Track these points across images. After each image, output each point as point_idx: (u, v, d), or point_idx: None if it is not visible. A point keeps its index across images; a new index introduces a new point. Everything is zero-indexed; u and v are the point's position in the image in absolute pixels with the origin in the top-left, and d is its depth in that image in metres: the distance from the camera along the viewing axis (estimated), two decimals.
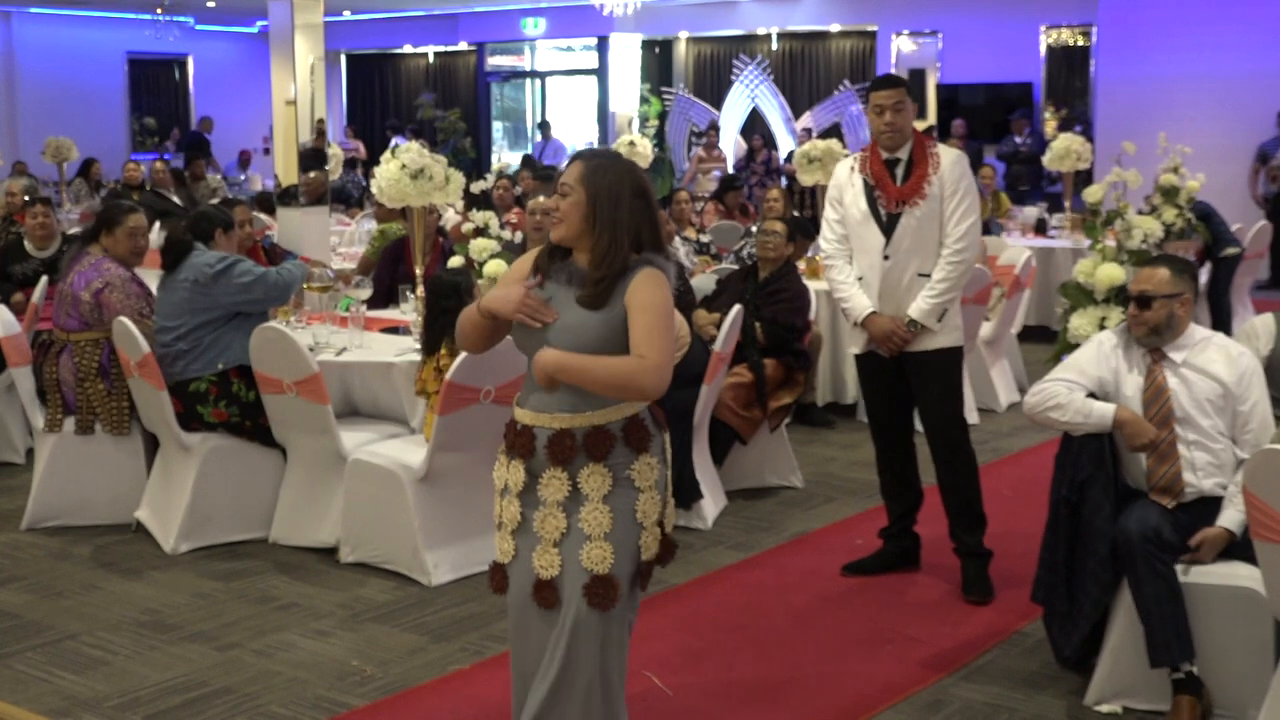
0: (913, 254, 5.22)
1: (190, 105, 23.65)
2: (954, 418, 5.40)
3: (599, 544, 3.42)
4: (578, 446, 3.43)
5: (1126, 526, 4.21)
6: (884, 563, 5.66)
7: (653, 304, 3.36)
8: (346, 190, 15.72)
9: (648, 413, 3.51)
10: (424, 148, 6.58)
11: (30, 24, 21.62)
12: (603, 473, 3.43)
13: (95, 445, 6.28)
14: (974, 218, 5.26)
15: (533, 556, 3.48)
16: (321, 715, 4.36)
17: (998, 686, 4.57)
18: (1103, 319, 5.21)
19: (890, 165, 5.26)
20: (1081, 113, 17.59)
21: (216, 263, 6.02)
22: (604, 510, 3.43)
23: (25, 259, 8.30)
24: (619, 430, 3.44)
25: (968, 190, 5.23)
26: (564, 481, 3.45)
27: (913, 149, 5.25)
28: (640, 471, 3.46)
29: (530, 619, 3.54)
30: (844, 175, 5.41)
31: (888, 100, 5.20)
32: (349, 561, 5.74)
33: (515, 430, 3.53)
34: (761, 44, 20.81)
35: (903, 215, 5.21)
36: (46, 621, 5.19)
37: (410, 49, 24.42)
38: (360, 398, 6.27)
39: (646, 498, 3.47)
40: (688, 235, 10.02)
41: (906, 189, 5.21)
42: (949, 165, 5.22)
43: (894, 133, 5.22)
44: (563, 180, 3.45)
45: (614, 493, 3.44)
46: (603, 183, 3.41)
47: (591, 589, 3.41)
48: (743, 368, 6.80)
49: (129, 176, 13.52)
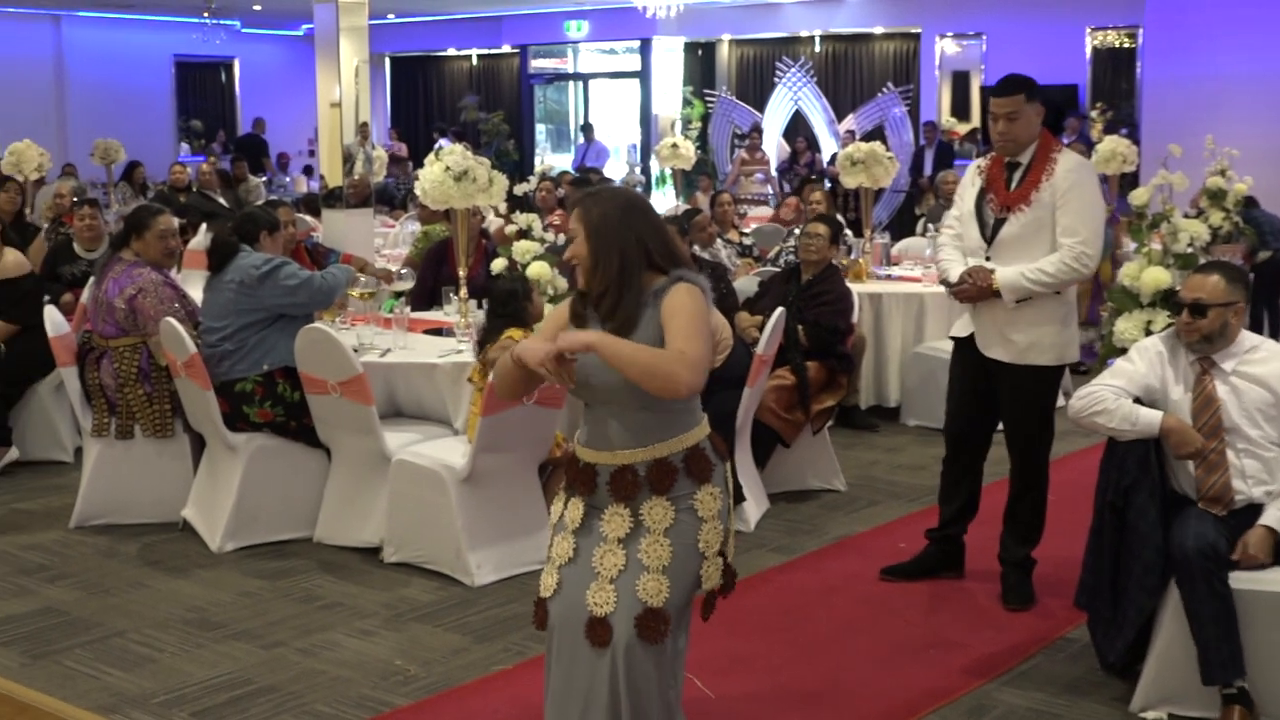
0: (1017, 259, 5.06)
1: (236, 108, 23.87)
2: (1032, 436, 5.29)
3: (655, 576, 3.40)
4: (641, 481, 3.42)
5: (1184, 543, 4.13)
6: (925, 566, 5.59)
7: (685, 308, 3.37)
8: (390, 192, 15.81)
9: (708, 443, 3.50)
10: (467, 150, 6.62)
11: (79, 27, 21.86)
12: (665, 505, 3.42)
13: (141, 446, 6.35)
14: (1094, 224, 5.04)
15: (586, 594, 3.43)
16: (365, 714, 4.39)
17: (1041, 692, 4.54)
18: (1148, 323, 5.17)
19: (1010, 169, 5.15)
20: (1128, 115, 17.46)
21: (262, 264, 6.06)
22: (664, 543, 3.41)
23: (74, 260, 8.40)
24: (680, 462, 3.43)
25: (1082, 197, 5.02)
26: (626, 518, 3.44)
27: (1035, 153, 5.10)
28: (703, 501, 3.45)
29: (577, 650, 3.48)
30: (970, 173, 5.34)
31: (999, 109, 5.09)
32: (393, 561, 5.77)
33: (577, 468, 3.53)
34: (804, 46, 20.77)
35: (1008, 220, 5.10)
36: (94, 618, 5.24)
37: (454, 51, 24.53)
38: (404, 399, 6.30)
39: (710, 527, 3.46)
40: (730, 238, 10.01)
41: (1015, 194, 5.09)
42: (1064, 172, 5.03)
43: (1007, 141, 5.10)
44: (570, 229, 3.49)
45: (676, 525, 3.43)
46: (594, 213, 3.44)
47: (643, 621, 3.39)
48: (785, 370, 6.78)
49: (174, 179, 13.65)
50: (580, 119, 22.95)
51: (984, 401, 5.33)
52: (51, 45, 21.74)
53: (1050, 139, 5.15)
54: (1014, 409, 5.27)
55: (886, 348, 8.54)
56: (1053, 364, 5.19)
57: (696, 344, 3.31)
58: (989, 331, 5.18)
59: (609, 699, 3.43)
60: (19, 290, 7.42)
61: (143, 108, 22.04)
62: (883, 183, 9.80)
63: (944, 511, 5.58)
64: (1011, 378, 5.18)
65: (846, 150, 9.90)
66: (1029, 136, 5.10)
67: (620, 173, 19.61)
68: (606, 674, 3.43)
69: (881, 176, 9.57)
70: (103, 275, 6.46)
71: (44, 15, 21.42)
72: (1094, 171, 5.23)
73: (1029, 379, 5.17)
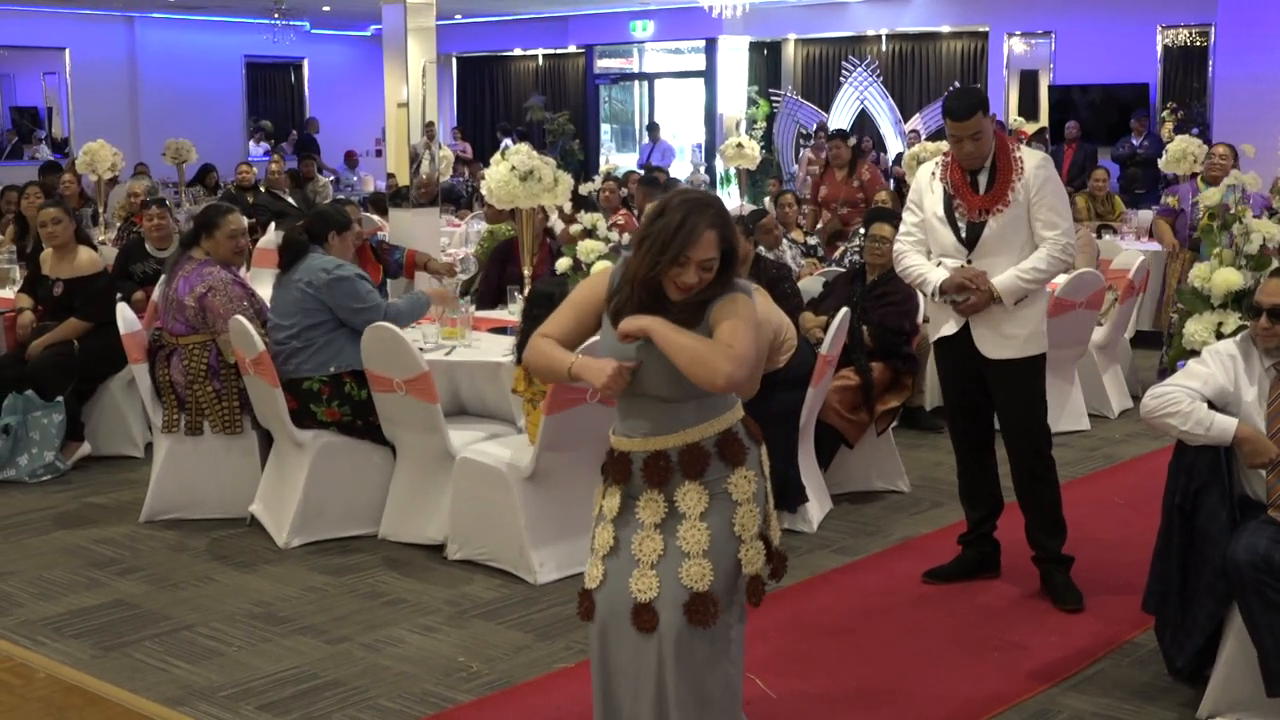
0: (1000, 260, 5.14)
1: (305, 108, 24.09)
2: (1036, 425, 5.31)
3: (698, 561, 3.42)
4: (673, 466, 3.45)
5: (1235, 555, 4.07)
6: (964, 568, 5.58)
7: (735, 311, 3.37)
8: (456, 191, 15.90)
9: (741, 426, 3.51)
10: (532, 150, 6.64)
11: (152, 29, 22.15)
12: (699, 490, 3.44)
13: (209, 443, 6.43)
14: (1068, 215, 5.22)
15: (630, 581, 3.46)
16: (428, 710, 4.42)
17: (1108, 698, 4.50)
18: (1219, 325, 5.10)
19: (973, 174, 5.20)
20: (1199, 114, 17.22)
21: (333, 269, 6.11)
22: (701, 528, 3.43)
23: (145, 258, 8.52)
24: (713, 446, 3.45)
25: (1055, 191, 5.15)
26: (660, 503, 3.47)
27: (995, 155, 5.16)
28: (737, 485, 3.47)
29: (623, 640, 3.50)
30: (924, 180, 5.35)
31: (964, 132, 5.11)
32: (456, 558, 5.80)
33: (613, 457, 3.56)
34: (871, 45, 20.66)
35: (987, 223, 5.14)
36: (163, 612, 5.31)
37: (520, 51, 24.62)
38: (468, 397, 6.34)
39: (745, 510, 3.47)
40: (794, 238, 9.98)
41: (990, 197, 5.14)
42: (1033, 169, 5.13)
43: (975, 159, 5.17)
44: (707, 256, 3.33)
45: (711, 509, 3.44)
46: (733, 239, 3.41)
47: (691, 607, 3.41)
48: (850, 371, 6.76)
49: (241, 178, 13.80)
50: (645, 118, 22.96)
51: (980, 398, 5.38)
52: (125, 46, 22.04)
53: (1004, 138, 5.25)
54: (1019, 399, 5.29)
55: None
56: (1036, 354, 5.28)
57: (743, 342, 3.31)
58: (987, 334, 5.23)
59: (656, 686, 3.46)
60: (92, 288, 7.54)
61: (214, 108, 22.31)
62: None
63: (971, 515, 5.59)
64: (1012, 372, 5.24)
65: (912, 150, 9.85)
66: (990, 147, 5.17)
67: (685, 172, 19.60)
68: (654, 661, 3.46)
69: None
70: (173, 274, 6.54)
71: (118, 17, 21.74)
72: (1054, 163, 5.33)
73: (1029, 369, 5.26)
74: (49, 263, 7.70)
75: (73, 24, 21.27)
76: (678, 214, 3.34)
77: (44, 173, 13.80)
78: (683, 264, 3.33)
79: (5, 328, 8.03)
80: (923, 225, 5.33)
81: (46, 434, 7.20)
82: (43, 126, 22.49)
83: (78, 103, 21.51)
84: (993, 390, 5.32)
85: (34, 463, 7.16)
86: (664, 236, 3.33)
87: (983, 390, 5.36)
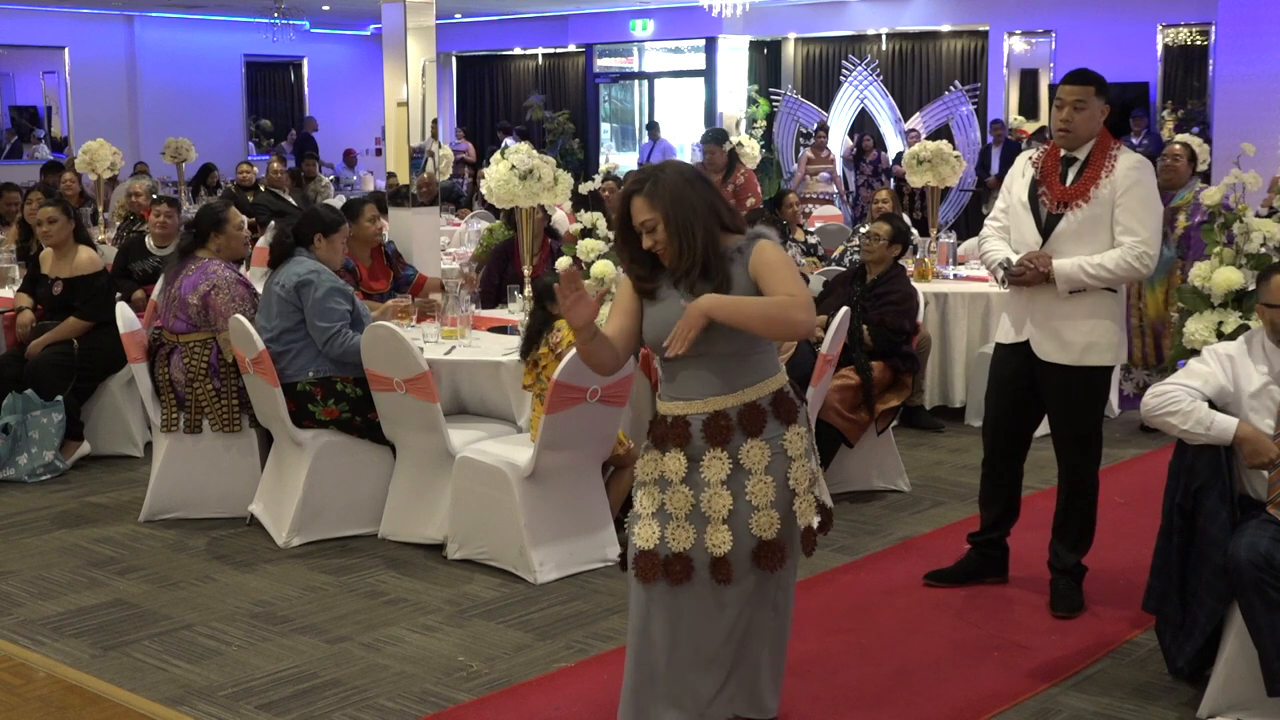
0: (1073, 255, 4.97)
1: (305, 107, 24.08)
2: (1084, 439, 5.17)
3: (766, 512, 3.67)
4: (734, 425, 3.66)
5: (1236, 554, 4.07)
6: (969, 571, 5.50)
7: (779, 261, 3.63)
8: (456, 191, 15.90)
9: (790, 387, 3.77)
10: (532, 149, 6.64)
11: (151, 28, 22.16)
12: (761, 446, 3.67)
13: (209, 442, 6.43)
14: (1154, 224, 4.98)
15: (705, 536, 3.68)
16: (428, 709, 4.41)
17: (1108, 697, 4.49)
18: (1219, 324, 5.09)
19: (1065, 163, 5.07)
20: (1199, 113, 17.24)
21: (305, 274, 6.10)
22: (767, 481, 3.67)
23: (145, 257, 8.53)
24: (769, 405, 3.70)
25: (1143, 197, 4.96)
26: (724, 460, 3.67)
27: (1093, 149, 5.03)
28: (791, 441, 3.71)
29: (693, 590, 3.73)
30: (1019, 165, 5.25)
31: (1068, 96, 4.99)
32: (456, 558, 5.80)
33: (666, 424, 3.74)
34: (871, 44, 20.66)
35: (1065, 215, 5.01)
36: (163, 611, 5.31)
37: (520, 51, 24.62)
38: (468, 396, 6.34)
39: (799, 465, 3.72)
40: (795, 237, 9.98)
41: (1072, 189, 4.99)
42: (1124, 170, 4.96)
43: (1066, 132, 5.00)
44: (642, 219, 3.65)
45: (772, 464, 3.68)
46: (665, 195, 3.63)
47: (759, 554, 3.68)
48: (850, 370, 6.76)
49: (242, 178, 13.80)
50: (645, 118, 22.97)
51: (1028, 407, 5.25)
52: (125, 45, 22.05)
53: (1109, 137, 5.07)
54: (1068, 412, 5.15)
55: (952, 348, 8.48)
56: (1110, 364, 5.12)
57: (798, 286, 3.58)
58: (1044, 335, 5.08)
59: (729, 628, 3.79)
60: (92, 287, 7.54)
61: (213, 107, 22.33)
62: (949, 182, 9.73)
63: (985, 516, 5.48)
64: (1066, 380, 5.08)
65: (913, 149, 9.84)
66: (1090, 131, 5.02)
67: None
68: (734, 612, 3.78)
69: (948, 175, 9.51)
70: (176, 272, 6.54)
71: (117, 16, 21.75)
72: (1153, 172, 5.15)
73: (1084, 381, 5.08)
74: (49, 262, 7.71)
75: (72, 23, 21.28)
76: None
77: (45, 172, 13.81)
78: (637, 233, 3.67)
79: (5, 327, 8.03)
80: (1009, 212, 5.21)
81: (46, 433, 7.19)
82: (42, 126, 22.49)
83: (77, 102, 21.51)
84: (1045, 398, 5.17)
85: (33, 462, 7.16)
86: (617, 223, 3.74)
87: (1030, 399, 5.21)
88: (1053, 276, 4.96)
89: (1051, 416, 5.23)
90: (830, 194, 16.98)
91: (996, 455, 5.38)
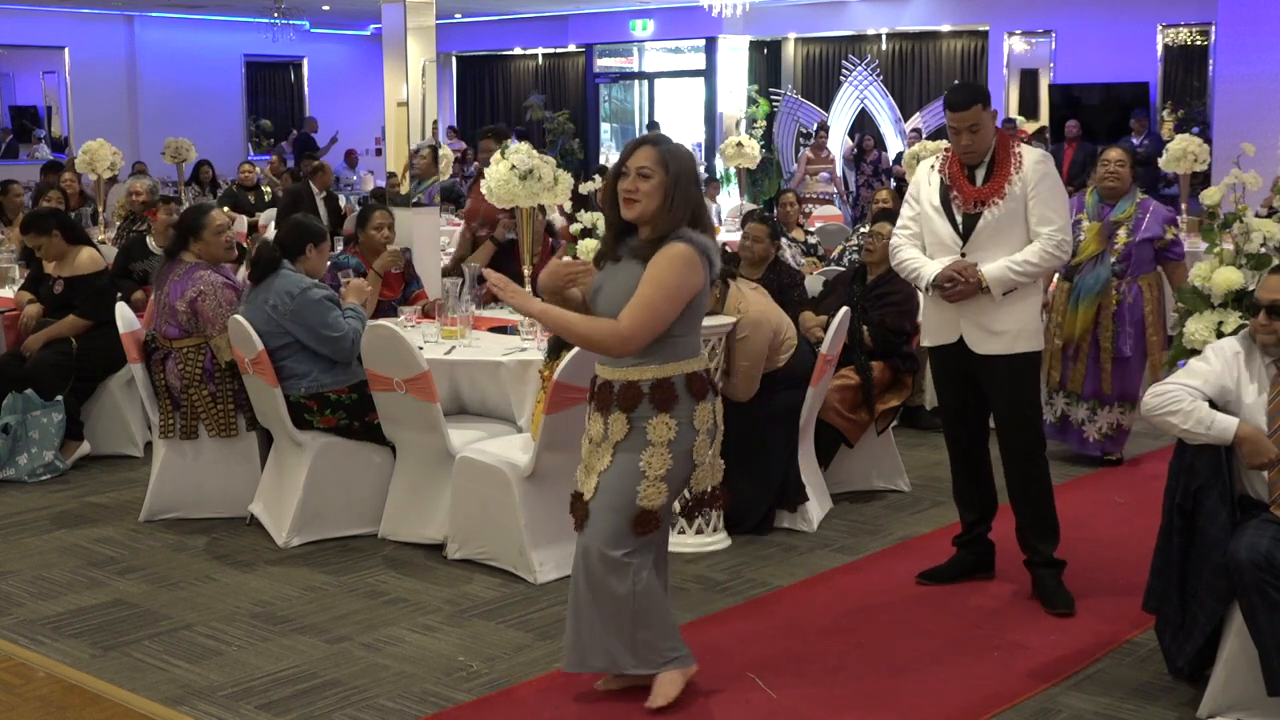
0: (994, 251, 5.14)
1: (305, 107, 24.07)
2: (1029, 424, 5.31)
3: (594, 477, 4.11)
4: (613, 397, 4.06)
5: (1237, 554, 4.07)
6: (959, 569, 5.57)
7: (656, 278, 3.92)
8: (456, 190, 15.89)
9: (683, 380, 4.03)
10: (532, 149, 6.63)
11: (151, 28, 22.15)
12: (624, 421, 4.04)
13: (208, 443, 6.43)
14: (1065, 211, 5.21)
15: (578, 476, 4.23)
16: (427, 709, 4.41)
17: (1108, 697, 4.49)
18: (1219, 324, 5.09)
19: (971, 167, 5.22)
20: (1199, 113, 17.23)
21: (299, 292, 6.03)
22: (608, 452, 4.07)
23: (146, 256, 8.54)
24: (648, 388, 4.01)
25: (1053, 188, 5.16)
26: (599, 422, 4.13)
27: (995, 150, 5.19)
28: (655, 428, 4.01)
29: None
30: (923, 173, 5.38)
31: (961, 124, 5.14)
32: (456, 558, 5.80)
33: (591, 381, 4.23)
34: (871, 44, 20.66)
35: (982, 214, 5.15)
36: (163, 611, 5.31)
37: (519, 50, 24.61)
38: (468, 396, 6.34)
39: (655, 452, 4.02)
40: (794, 237, 9.99)
41: (986, 189, 5.15)
42: (1031, 165, 5.14)
43: (972, 152, 5.19)
44: (641, 164, 3.92)
45: (626, 439, 4.04)
46: (679, 167, 3.96)
47: (574, 505, 4.19)
48: (850, 370, 6.75)
49: (243, 178, 13.80)
50: (645, 118, 22.98)
51: (975, 401, 5.39)
52: (125, 45, 22.04)
53: (1005, 135, 5.26)
54: (1010, 396, 5.28)
55: None
56: (1037, 349, 5.29)
57: (639, 318, 3.90)
58: (975, 330, 5.22)
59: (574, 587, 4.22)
60: (92, 287, 7.54)
61: (213, 107, 22.32)
62: None
63: (965, 516, 5.58)
64: (1003, 367, 5.22)
65: (912, 149, 9.85)
66: (989, 141, 5.18)
67: None
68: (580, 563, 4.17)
69: None
70: (163, 278, 6.54)
71: (117, 16, 21.74)
72: (1054, 163, 5.34)
73: (1019, 365, 5.24)
74: (51, 262, 7.71)
75: (72, 23, 21.27)
76: None
77: (45, 172, 13.82)
78: (625, 174, 3.95)
79: (5, 326, 8.03)
80: (919, 219, 5.35)
81: (46, 433, 7.20)
82: (42, 126, 22.49)
83: (77, 102, 21.51)
84: (985, 388, 5.32)
85: (33, 462, 7.16)
86: (611, 172, 4.07)
87: (976, 392, 5.35)
88: (985, 284, 5.10)
89: (995, 405, 5.35)
90: (830, 194, 16.99)
91: (957, 454, 5.54)
